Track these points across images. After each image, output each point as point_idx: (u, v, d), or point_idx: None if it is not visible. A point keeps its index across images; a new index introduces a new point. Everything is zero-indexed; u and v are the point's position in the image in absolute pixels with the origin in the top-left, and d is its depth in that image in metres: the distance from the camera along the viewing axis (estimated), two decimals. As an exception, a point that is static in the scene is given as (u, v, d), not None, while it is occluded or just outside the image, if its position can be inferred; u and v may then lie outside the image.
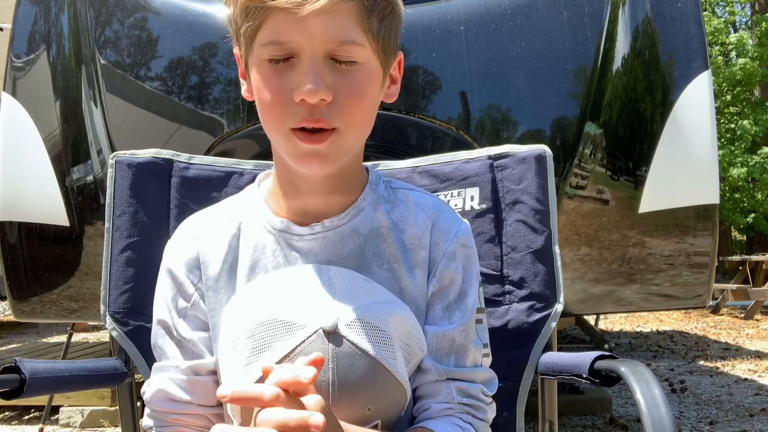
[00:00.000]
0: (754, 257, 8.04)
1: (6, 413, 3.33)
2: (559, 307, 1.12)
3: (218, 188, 1.19)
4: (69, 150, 2.04)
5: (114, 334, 1.09)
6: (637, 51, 2.01)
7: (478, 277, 0.92)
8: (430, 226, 0.89)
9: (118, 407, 1.19)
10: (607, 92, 1.96)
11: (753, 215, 11.80)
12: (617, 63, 1.98)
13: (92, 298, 2.03)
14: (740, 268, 7.98)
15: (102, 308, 1.11)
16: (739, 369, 4.34)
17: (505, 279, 1.14)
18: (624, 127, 1.98)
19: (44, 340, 5.77)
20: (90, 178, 2.01)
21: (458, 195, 1.19)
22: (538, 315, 1.11)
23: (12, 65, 2.10)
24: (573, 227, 1.96)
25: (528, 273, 1.13)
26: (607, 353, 0.90)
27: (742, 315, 7.29)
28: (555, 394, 1.15)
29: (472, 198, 1.18)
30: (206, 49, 1.98)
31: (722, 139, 11.60)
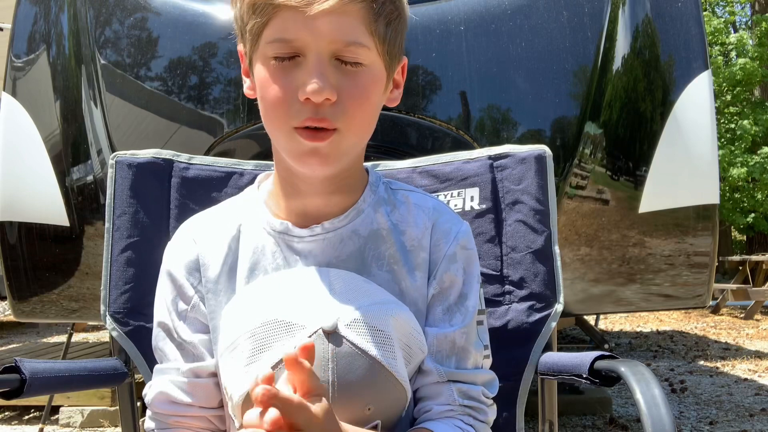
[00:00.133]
0: (754, 257, 8.05)
1: (6, 413, 3.33)
2: (559, 307, 1.12)
3: (218, 188, 1.19)
4: (69, 150, 2.04)
5: (114, 334, 1.09)
6: (637, 51, 2.01)
7: (479, 279, 0.91)
8: (430, 228, 0.89)
9: (118, 407, 1.19)
10: (607, 92, 1.96)
11: (753, 215, 11.80)
12: (617, 63, 1.98)
13: (92, 298, 2.03)
14: (740, 268, 7.99)
15: (102, 308, 1.11)
16: (739, 369, 4.34)
17: (505, 279, 1.14)
18: (624, 127, 1.98)
19: (44, 340, 5.77)
20: (90, 178, 2.01)
21: (458, 195, 1.19)
22: (538, 315, 1.11)
23: (12, 65, 2.10)
24: (573, 227, 1.96)
25: (528, 273, 1.13)
26: (607, 353, 0.90)
27: (742, 315, 7.29)
28: (555, 394, 1.15)
29: (472, 198, 1.18)
30: (206, 49, 1.98)
31: (722, 139, 11.60)
